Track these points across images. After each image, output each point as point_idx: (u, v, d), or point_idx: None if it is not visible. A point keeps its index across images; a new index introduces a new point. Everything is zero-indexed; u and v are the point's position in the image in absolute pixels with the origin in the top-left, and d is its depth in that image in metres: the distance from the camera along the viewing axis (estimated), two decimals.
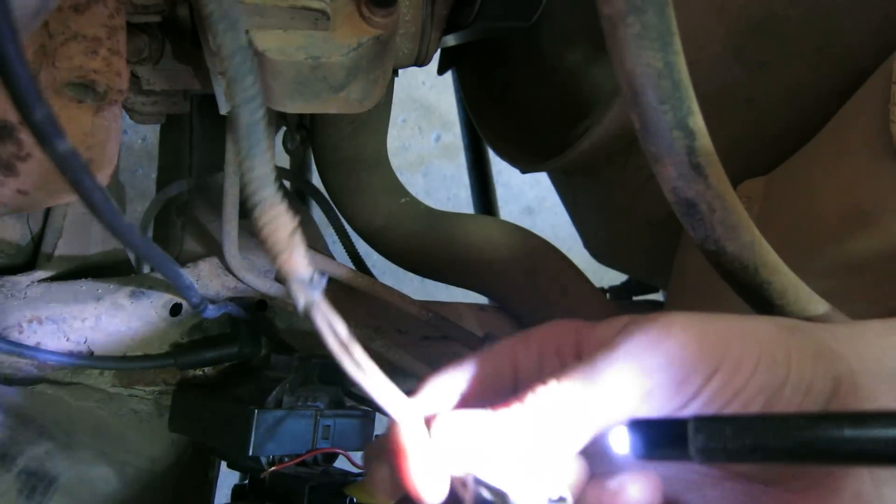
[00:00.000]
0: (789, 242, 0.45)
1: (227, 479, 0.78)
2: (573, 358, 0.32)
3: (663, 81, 0.29)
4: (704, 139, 0.30)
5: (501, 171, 2.13)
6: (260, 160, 0.28)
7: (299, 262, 0.28)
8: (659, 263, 0.77)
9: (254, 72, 0.27)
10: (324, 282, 0.29)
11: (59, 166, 0.28)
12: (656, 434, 0.28)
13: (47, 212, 0.65)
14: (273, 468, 0.49)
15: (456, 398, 0.32)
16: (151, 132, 1.96)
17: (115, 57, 0.42)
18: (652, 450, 0.28)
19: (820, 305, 0.34)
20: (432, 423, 0.30)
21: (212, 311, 0.58)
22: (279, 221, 0.28)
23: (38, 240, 0.65)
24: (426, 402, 0.32)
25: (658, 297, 0.96)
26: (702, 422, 0.26)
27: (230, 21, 0.27)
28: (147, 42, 0.50)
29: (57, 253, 0.64)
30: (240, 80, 0.27)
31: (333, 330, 0.29)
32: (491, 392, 0.32)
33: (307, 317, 0.29)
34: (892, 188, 0.44)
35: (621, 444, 0.29)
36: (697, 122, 0.30)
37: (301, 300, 0.29)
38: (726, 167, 0.33)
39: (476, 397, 0.32)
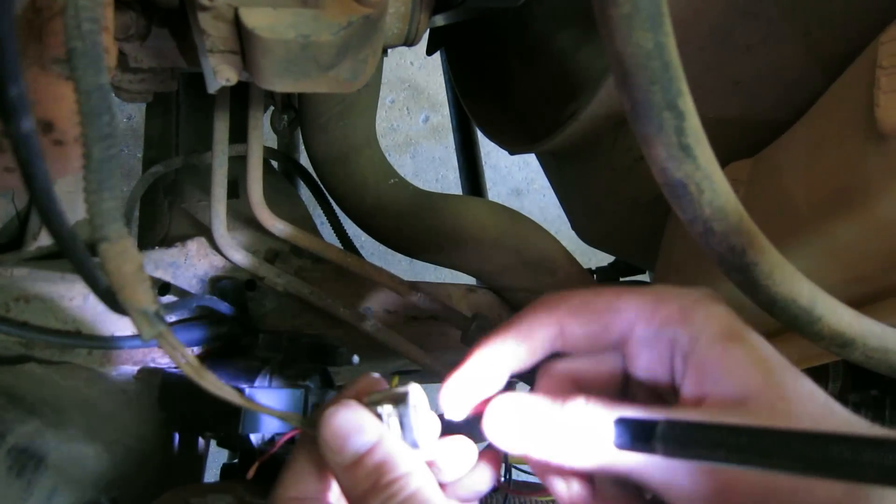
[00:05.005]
0: (774, 224, 0.45)
1: (217, 457, 0.79)
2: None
3: (653, 62, 0.29)
4: (694, 120, 0.30)
5: (490, 152, 2.13)
6: (109, 195, 0.28)
7: (144, 296, 0.30)
8: (646, 245, 0.78)
9: (111, 111, 0.28)
10: (167, 314, 0.30)
11: (15, 143, 0.28)
12: (634, 430, 0.31)
13: None
14: (259, 461, 0.49)
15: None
16: (137, 111, 1.94)
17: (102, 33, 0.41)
18: (629, 442, 0.31)
19: (805, 286, 0.34)
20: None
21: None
22: (125, 256, 0.29)
23: (24, 218, 0.64)
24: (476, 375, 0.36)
25: (645, 278, 0.97)
26: (670, 424, 0.30)
27: (91, 58, 0.28)
28: (134, 18, 0.49)
29: (43, 232, 0.64)
30: (96, 118, 0.28)
31: (183, 356, 0.32)
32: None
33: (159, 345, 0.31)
34: (876, 172, 0.45)
35: (608, 436, 0.32)
36: (687, 102, 0.30)
37: (146, 331, 0.30)
38: (713, 149, 0.33)
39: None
